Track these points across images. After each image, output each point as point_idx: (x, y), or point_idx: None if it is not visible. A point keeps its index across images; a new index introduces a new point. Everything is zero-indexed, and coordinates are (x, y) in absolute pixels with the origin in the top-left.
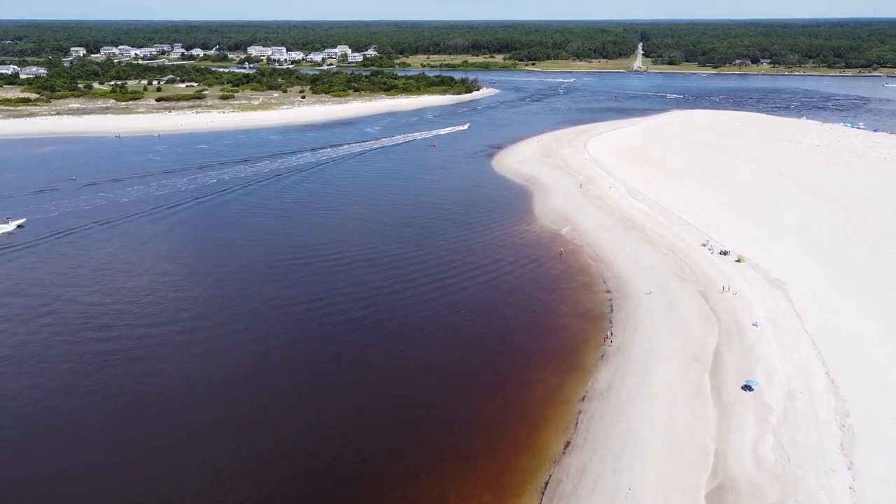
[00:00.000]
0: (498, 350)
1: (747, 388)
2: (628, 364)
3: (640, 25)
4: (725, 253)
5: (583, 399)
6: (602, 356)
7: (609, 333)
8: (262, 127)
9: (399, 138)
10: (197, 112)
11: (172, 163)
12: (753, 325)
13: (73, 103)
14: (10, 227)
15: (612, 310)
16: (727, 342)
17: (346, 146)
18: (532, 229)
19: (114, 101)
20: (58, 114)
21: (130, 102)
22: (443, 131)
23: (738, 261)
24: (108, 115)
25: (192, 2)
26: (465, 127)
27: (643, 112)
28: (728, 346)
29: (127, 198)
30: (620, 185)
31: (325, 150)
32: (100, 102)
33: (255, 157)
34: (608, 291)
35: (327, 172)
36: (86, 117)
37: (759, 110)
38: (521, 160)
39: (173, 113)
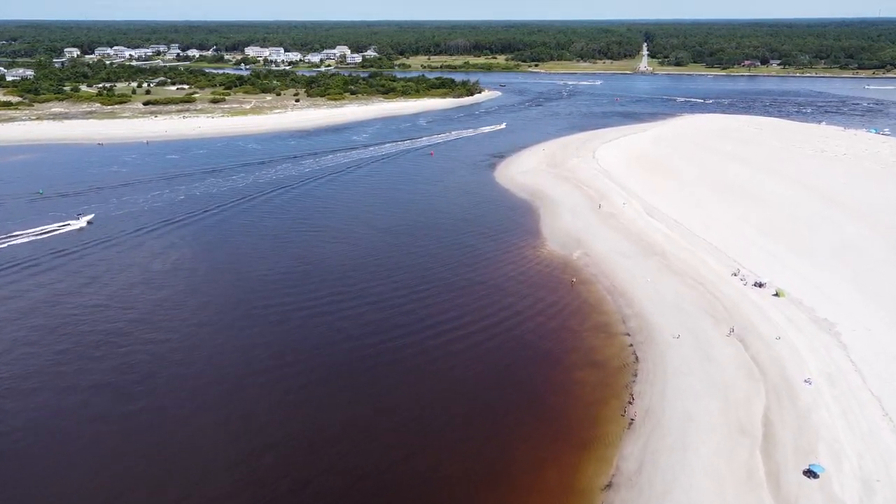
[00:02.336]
0: (498, 414)
1: (811, 474)
2: (661, 437)
3: (644, 25)
4: (761, 285)
5: (607, 487)
6: (628, 425)
7: (631, 398)
8: (251, 133)
9: (396, 146)
10: (184, 117)
11: (139, 175)
12: (805, 381)
13: (56, 107)
14: (81, 222)
15: (635, 359)
16: (777, 406)
17: (331, 156)
18: (539, 254)
19: (99, 104)
20: (38, 119)
21: (116, 106)
22: (485, 129)
23: (777, 295)
24: (91, 120)
25: (193, 2)
26: (503, 126)
27: (652, 117)
28: (779, 413)
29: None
30: (635, 200)
31: (310, 161)
32: (84, 106)
33: (227, 170)
34: (629, 334)
35: (310, 189)
36: (67, 122)
37: (773, 114)
38: (525, 171)
39: (159, 118)
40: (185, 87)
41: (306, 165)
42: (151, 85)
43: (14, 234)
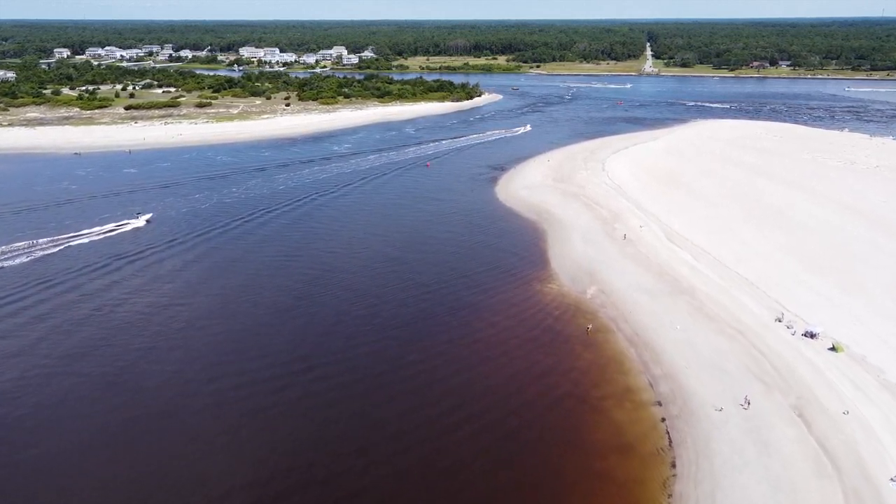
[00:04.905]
0: None
1: None
2: None
3: (645, 25)
4: (812, 335)
5: None
6: None
7: None
8: (234, 141)
9: (388, 157)
10: (166, 123)
11: (90, 192)
12: (892, 481)
13: (33, 112)
14: (140, 221)
15: (670, 441)
16: None
17: (308, 170)
18: (547, 292)
19: (78, 109)
20: (9, 125)
21: (96, 111)
22: (487, 136)
23: (834, 349)
24: (66, 127)
25: (192, 1)
26: (528, 128)
27: (662, 122)
28: None
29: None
30: (653, 222)
31: (284, 178)
32: (62, 111)
33: (189, 188)
34: (660, 403)
35: (287, 212)
36: (39, 129)
37: (789, 120)
38: (529, 186)
39: (140, 124)
40: (172, 89)
41: (281, 182)
42: (137, 88)
43: (78, 232)
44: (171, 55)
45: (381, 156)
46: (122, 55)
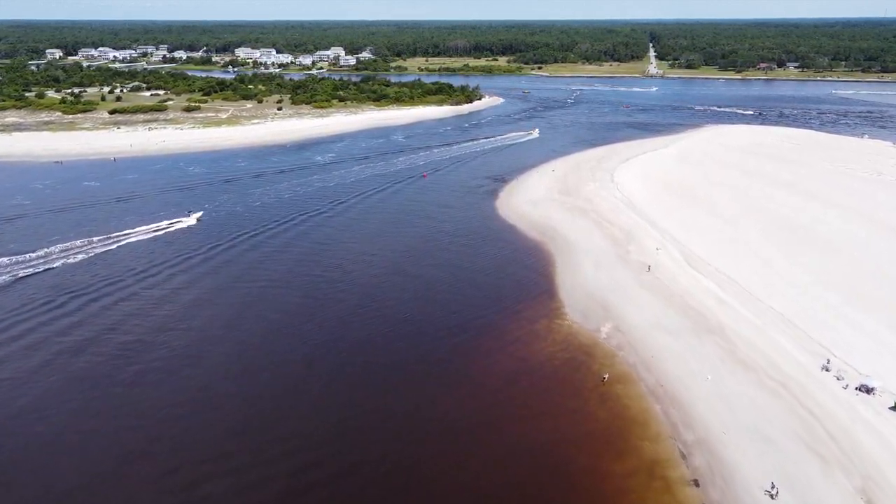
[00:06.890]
0: None
1: None
2: None
3: (647, 25)
4: (869, 390)
5: None
6: None
7: None
8: (220, 149)
9: (381, 167)
10: (150, 128)
11: (45, 206)
12: None
13: (12, 116)
14: (192, 219)
15: None
16: None
17: (286, 184)
18: (555, 330)
19: (60, 113)
20: None
21: (79, 115)
22: (488, 142)
23: None
24: (44, 133)
25: (192, 1)
26: (533, 134)
27: (671, 128)
28: None
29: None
30: (670, 243)
31: (263, 190)
32: (43, 115)
33: (152, 205)
34: (696, 482)
35: (257, 240)
36: (15, 135)
37: (802, 125)
38: (533, 200)
39: (122, 129)
40: (161, 92)
41: (258, 197)
42: (125, 90)
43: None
44: (165, 56)
45: (376, 166)
46: (115, 56)
